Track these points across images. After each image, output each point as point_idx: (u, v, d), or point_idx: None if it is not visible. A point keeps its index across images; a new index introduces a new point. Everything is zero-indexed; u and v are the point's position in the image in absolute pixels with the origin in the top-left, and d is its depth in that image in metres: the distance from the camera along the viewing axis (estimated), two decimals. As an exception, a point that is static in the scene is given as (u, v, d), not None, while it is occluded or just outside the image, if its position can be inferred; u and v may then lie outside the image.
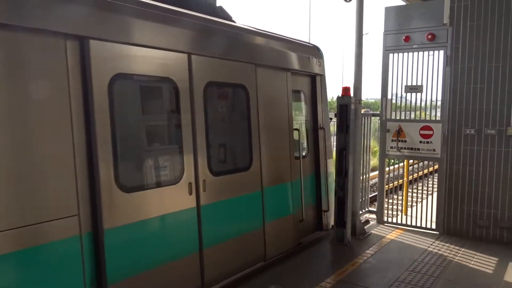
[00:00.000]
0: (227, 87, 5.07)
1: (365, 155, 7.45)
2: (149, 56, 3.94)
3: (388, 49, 7.06)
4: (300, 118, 6.39)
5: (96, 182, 3.45)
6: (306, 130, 6.49)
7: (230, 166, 5.19)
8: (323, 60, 6.72)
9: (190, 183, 4.31)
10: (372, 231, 6.80)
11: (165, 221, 4.12)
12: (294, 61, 6.03)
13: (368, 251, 5.90)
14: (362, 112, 7.03)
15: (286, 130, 5.81)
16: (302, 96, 6.45)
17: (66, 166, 3.28)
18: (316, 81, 6.58)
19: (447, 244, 6.21)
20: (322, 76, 6.69)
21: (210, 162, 4.56)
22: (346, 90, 6.18)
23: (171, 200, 4.15)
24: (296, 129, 6.06)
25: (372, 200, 9.42)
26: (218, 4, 5.59)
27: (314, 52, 6.56)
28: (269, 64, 5.50)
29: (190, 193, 4.32)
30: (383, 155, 7.22)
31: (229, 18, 5.46)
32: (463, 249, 6.00)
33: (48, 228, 3.13)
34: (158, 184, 4.09)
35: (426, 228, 6.90)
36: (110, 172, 3.56)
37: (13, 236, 2.94)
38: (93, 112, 3.44)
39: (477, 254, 5.82)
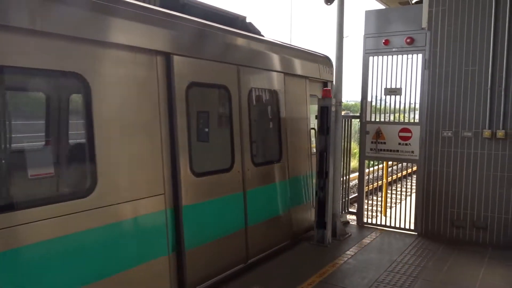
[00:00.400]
0: (264, 92, 6.00)
1: (345, 157, 7.52)
2: (211, 67, 4.85)
3: (368, 52, 7.15)
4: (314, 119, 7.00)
5: (177, 168, 4.29)
6: None
7: (266, 159, 6.02)
8: (332, 68, 7.34)
9: (239, 171, 5.18)
10: (352, 232, 6.86)
11: (224, 201, 4.97)
12: (311, 69, 6.96)
13: (348, 252, 5.95)
14: (343, 114, 7.10)
15: (305, 129, 6.76)
16: (317, 99, 7.05)
17: (157, 156, 4.15)
18: (327, 86, 7.33)
19: (425, 245, 6.31)
20: (332, 82, 7.31)
21: (252, 155, 5.46)
22: (326, 92, 6.23)
23: (227, 185, 5.03)
24: (312, 128, 6.86)
25: (353, 201, 9.51)
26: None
27: (325, 61, 7.44)
28: (294, 73, 6.45)
29: (239, 180, 5.18)
30: (363, 157, 7.29)
31: (258, 32, 6.18)
32: (440, 249, 6.11)
33: (146, 203, 4.04)
34: (217, 171, 4.93)
35: (405, 229, 7.00)
36: (186, 161, 4.41)
37: (127, 207, 3.84)
38: (176, 114, 4.31)
39: (454, 254, 5.93)
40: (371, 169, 10.91)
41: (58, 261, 3.32)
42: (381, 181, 9.01)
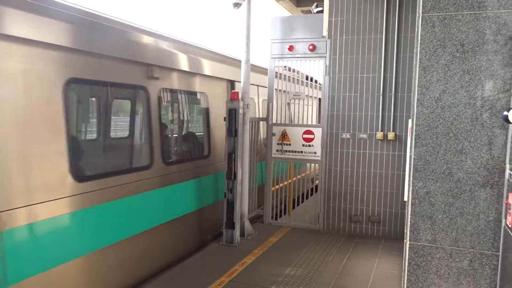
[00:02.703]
0: None
1: (254, 159, 7.70)
2: None
3: (274, 57, 7.42)
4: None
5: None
6: None
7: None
8: None
9: None
10: (260, 231, 7.05)
11: None
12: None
13: (256, 251, 6.11)
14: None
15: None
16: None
17: None
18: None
19: (328, 240, 6.72)
20: None
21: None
22: (234, 95, 6.34)
23: None
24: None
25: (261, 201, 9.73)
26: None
27: None
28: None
29: None
30: (269, 158, 7.54)
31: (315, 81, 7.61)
32: (340, 243, 6.54)
33: None
34: None
35: (309, 226, 7.37)
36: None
37: None
38: None
39: (352, 247, 6.40)
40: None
41: None
42: (286, 182, 9.35)
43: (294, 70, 7.60)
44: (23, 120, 3.73)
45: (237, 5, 6.44)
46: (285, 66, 7.48)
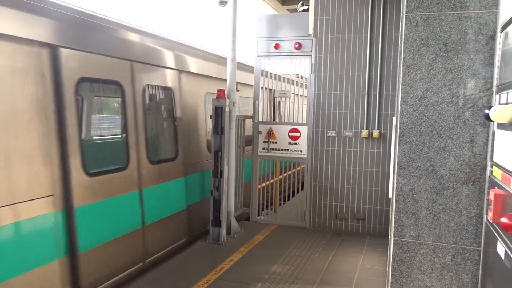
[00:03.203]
0: None
1: (240, 156, 7.70)
2: None
3: (260, 55, 7.43)
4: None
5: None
6: None
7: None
8: None
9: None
10: (246, 229, 7.07)
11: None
12: None
13: (242, 249, 6.13)
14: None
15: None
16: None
17: None
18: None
19: (314, 237, 6.77)
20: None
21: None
22: (221, 93, 6.33)
23: None
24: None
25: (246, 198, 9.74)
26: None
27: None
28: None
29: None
30: (256, 157, 7.55)
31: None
32: (326, 240, 6.60)
33: None
34: None
35: (295, 224, 7.41)
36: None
37: None
38: None
39: (338, 244, 6.46)
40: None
41: None
42: (273, 179, 9.39)
43: (302, 77, 7.96)
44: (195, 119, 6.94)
45: (223, 3, 6.43)
46: (297, 74, 7.74)
